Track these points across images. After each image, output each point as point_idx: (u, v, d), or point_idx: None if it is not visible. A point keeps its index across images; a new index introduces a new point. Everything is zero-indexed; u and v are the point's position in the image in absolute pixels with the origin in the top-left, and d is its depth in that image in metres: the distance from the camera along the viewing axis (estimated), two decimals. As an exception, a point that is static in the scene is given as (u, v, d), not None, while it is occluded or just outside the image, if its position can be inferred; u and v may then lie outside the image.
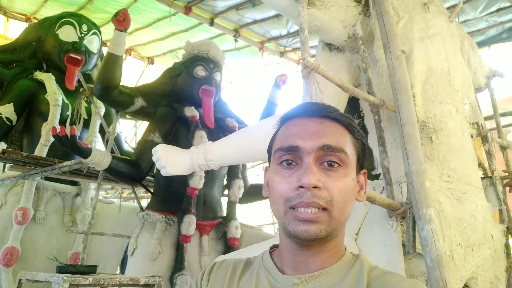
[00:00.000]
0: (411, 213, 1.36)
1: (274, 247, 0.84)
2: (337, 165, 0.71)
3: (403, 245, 1.39)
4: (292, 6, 1.58)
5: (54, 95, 3.15)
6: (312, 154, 0.71)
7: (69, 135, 2.23)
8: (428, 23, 1.82)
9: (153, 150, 2.00)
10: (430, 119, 1.62)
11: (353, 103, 1.84)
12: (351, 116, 0.78)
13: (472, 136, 1.83)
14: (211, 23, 3.62)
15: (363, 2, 1.77)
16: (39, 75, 3.31)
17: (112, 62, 2.66)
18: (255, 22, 3.63)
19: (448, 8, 2.53)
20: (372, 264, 0.75)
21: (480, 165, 1.95)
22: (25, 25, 4.05)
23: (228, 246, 2.65)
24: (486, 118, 2.28)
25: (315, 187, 0.68)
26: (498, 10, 3.00)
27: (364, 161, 0.78)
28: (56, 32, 3.37)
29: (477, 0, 2.88)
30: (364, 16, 1.75)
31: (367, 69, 1.64)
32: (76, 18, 3.44)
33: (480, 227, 1.55)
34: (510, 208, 1.87)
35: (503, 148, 2.11)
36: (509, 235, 1.83)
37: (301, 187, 0.69)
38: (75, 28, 3.40)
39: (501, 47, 3.41)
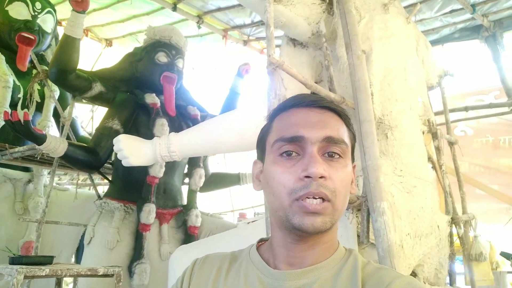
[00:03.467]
0: (366, 206, 1.43)
1: (262, 241, 0.82)
2: (338, 156, 0.72)
3: (358, 236, 1.46)
4: (259, 2, 1.59)
5: (5, 76, 2.98)
6: (316, 144, 0.70)
7: (22, 121, 2.14)
8: (387, 23, 1.90)
9: (115, 140, 1.96)
10: (386, 116, 1.71)
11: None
12: (344, 109, 0.79)
13: (423, 133, 1.95)
14: (174, 8, 3.55)
15: (327, 1, 1.82)
16: (-13, 53, 3.11)
17: (68, 45, 2.56)
18: (219, 9, 3.58)
19: (406, 7, 2.63)
20: (365, 259, 0.75)
21: (430, 159, 2.07)
22: (-30, -2, 3.77)
23: (188, 234, 2.66)
24: (436, 114, 2.42)
25: (321, 177, 0.68)
26: (451, 11, 3.15)
27: (354, 154, 0.79)
28: (6, 9, 3.16)
29: (433, 0, 3.01)
30: (328, 14, 1.79)
31: (329, 67, 1.70)
32: (29, -5, 3.25)
33: (428, 218, 1.67)
34: (454, 199, 2.02)
35: (451, 144, 2.26)
36: (453, 225, 1.98)
37: (307, 177, 0.68)
38: (27, 5, 3.21)
39: (453, 46, 3.60)
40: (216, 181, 3.22)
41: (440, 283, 1.72)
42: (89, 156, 2.51)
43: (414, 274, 1.63)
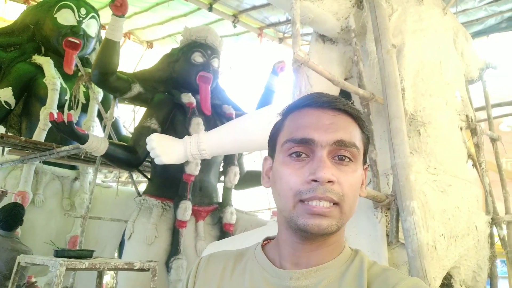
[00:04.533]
0: (395, 205, 1.39)
1: (267, 240, 0.81)
2: (348, 159, 0.70)
3: (387, 235, 1.43)
4: (286, -1, 1.59)
5: (53, 79, 3.17)
6: (326, 148, 0.69)
7: (66, 121, 2.26)
8: (421, 15, 1.83)
9: (148, 139, 2.03)
10: (419, 112, 1.65)
11: (345, 95, 1.86)
12: (360, 110, 0.77)
13: (461, 129, 1.86)
14: (210, 8, 3.61)
15: (357, -6, 1.78)
16: (38, 58, 3.32)
17: (109, 48, 2.68)
18: (254, 8, 3.61)
19: (445, -2, 2.52)
20: (371, 260, 0.73)
21: (470, 157, 1.97)
22: (23, 7, 4.03)
23: (224, 231, 2.71)
24: (477, 109, 2.30)
25: (329, 182, 0.66)
26: (497, 0, 2.98)
27: (367, 156, 0.77)
28: (55, 16, 3.36)
29: (476, -11, 2.86)
30: (357, 9, 1.75)
31: (358, 62, 1.66)
32: (75, 2, 3.43)
33: (464, 218, 1.59)
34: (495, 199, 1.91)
35: (493, 140, 2.14)
36: (494, 226, 1.87)
37: (314, 180, 0.66)
38: (73, 11, 3.40)
39: (500, 37, 3.39)
40: (251, 179, 3.24)
41: (478, 286, 1.64)
42: (129, 154, 2.62)
43: (449, 276, 1.57)
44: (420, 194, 1.46)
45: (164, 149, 1.91)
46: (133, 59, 4.76)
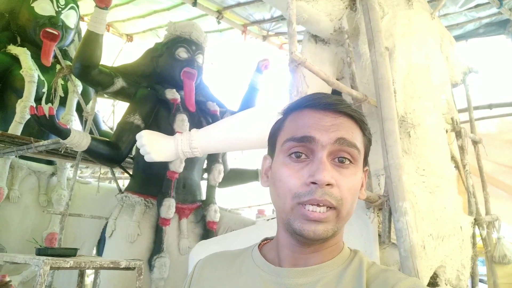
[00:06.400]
0: (388, 205, 1.42)
1: (265, 240, 0.81)
2: (348, 161, 0.70)
3: (379, 235, 1.45)
4: (281, -2, 1.58)
5: (30, 71, 3.05)
6: (327, 148, 0.68)
7: (47, 115, 2.19)
8: (411, 19, 1.87)
9: (137, 136, 1.99)
10: (409, 114, 1.68)
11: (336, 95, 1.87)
12: (362, 112, 0.76)
13: (446, 131, 1.91)
14: (194, 3, 3.56)
15: (350, -4, 1.79)
16: (13, 49, 3.18)
17: (92, 41, 2.60)
18: (239, 4, 3.58)
19: (430, 2, 2.57)
20: (370, 261, 0.74)
21: (453, 158, 2.03)
22: (-4, -6, 3.85)
23: (207, 229, 2.68)
24: (459, 111, 2.37)
25: (328, 184, 0.66)
26: (476, 6, 3.07)
27: (368, 158, 0.76)
28: (32, 5, 3.23)
29: (457, -5, 2.94)
30: (350, 10, 1.77)
31: (351, 63, 1.68)
32: (53, -9, 3.30)
33: (451, 218, 1.64)
34: (477, 200, 1.97)
35: (475, 143, 2.21)
36: (476, 226, 1.94)
37: (313, 183, 0.66)
38: (52, 1, 3.27)
39: (478, 42, 3.51)
40: (234, 176, 3.23)
41: (462, 285, 1.69)
42: (111, 150, 2.55)
43: (435, 275, 1.61)
44: (410, 195, 1.49)
45: (154, 146, 1.88)
46: (112, 53, 4.64)
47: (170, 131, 2.46)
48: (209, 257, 0.84)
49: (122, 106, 3.29)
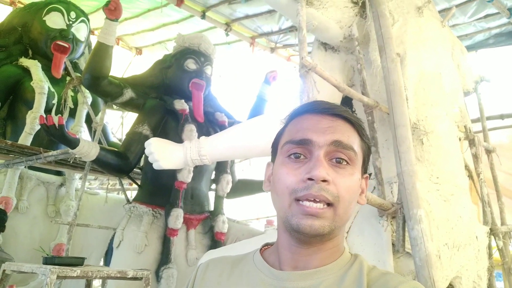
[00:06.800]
0: (402, 213, 1.38)
1: (266, 246, 0.82)
2: (346, 162, 0.71)
3: (393, 244, 1.41)
4: (291, 5, 1.58)
5: (40, 82, 3.08)
6: (323, 149, 0.70)
7: (57, 125, 2.20)
8: (421, 27, 1.85)
9: (146, 144, 1.98)
10: (421, 122, 1.66)
11: (346, 103, 1.86)
12: (360, 118, 0.78)
13: (460, 139, 1.88)
14: (203, 16, 3.59)
15: (360, 4, 1.79)
16: (25, 61, 3.23)
17: (102, 52, 2.62)
18: (247, 17, 3.61)
19: (440, 12, 2.57)
20: (371, 265, 0.74)
21: (466, 167, 1.99)
22: (9, 9, 3.93)
23: (215, 240, 2.66)
24: (472, 121, 2.34)
25: (324, 181, 0.68)
26: (486, 16, 3.06)
27: (368, 165, 0.78)
28: (43, 19, 3.29)
29: (466, 5, 2.93)
30: (360, 18, 1.77)
31: (362, 70, 1.66)
32: (64, 5, 3.36)
33: (466, 228, 1.59)
34: (493, 210, 1.93)
35: (489, 152, 2.17)
36: (492, 236, 1.89)
37: (310, 179, 0.68)
38: (63, 15, 3.33)
39: (488, 52, 3.49)
40: (242, 187, 3.21)
41: (478, 296, 1.64)
42: (120, 160, 2.55)
43: (451, 286, 1.56)
44: (424, 203, 1.45)
45: (163, 154, 1.87)
46: (121, 65, 4.69)
47: (179, 141, 2.45)
48: (211, 260, 0.85)
49: (131, 118, 3.30)
